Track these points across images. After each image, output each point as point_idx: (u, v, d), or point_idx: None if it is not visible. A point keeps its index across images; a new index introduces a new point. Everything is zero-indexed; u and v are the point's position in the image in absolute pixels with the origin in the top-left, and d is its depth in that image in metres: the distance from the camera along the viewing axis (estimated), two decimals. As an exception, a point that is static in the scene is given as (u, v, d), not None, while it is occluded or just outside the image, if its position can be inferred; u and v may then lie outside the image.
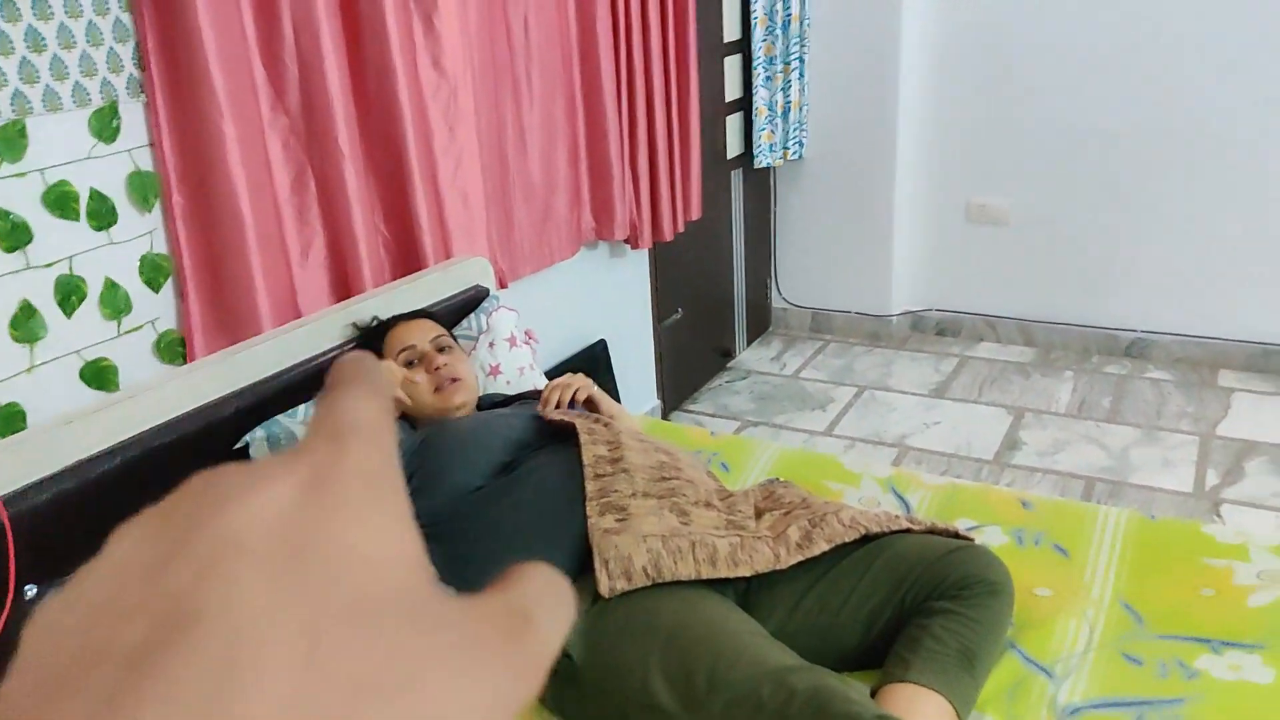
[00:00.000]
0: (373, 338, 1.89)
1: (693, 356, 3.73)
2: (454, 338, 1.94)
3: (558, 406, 1.80)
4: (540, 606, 0.25)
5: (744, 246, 3.99)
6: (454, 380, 1.78)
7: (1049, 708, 1.33)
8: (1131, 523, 1.71)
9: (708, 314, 3.83)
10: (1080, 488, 2.92)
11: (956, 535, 1.53)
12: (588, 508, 1.49)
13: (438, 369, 1.78)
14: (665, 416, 3.50)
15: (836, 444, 3.29)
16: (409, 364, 1.81)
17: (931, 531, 1.53)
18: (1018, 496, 1.83)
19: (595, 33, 2.71)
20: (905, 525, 1.52)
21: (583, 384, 1.85)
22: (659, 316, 3.44)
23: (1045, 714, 1.32)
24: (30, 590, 1.47)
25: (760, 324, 4.25)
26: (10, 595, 1.41)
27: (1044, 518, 1.75)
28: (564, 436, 1.67)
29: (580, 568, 1.47)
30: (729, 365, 3.99)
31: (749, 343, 4.16)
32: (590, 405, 1.88)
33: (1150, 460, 3.03)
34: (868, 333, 4.15)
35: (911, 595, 1.41)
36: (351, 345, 1.93)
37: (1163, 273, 3.65)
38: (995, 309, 4.00)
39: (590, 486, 1.53)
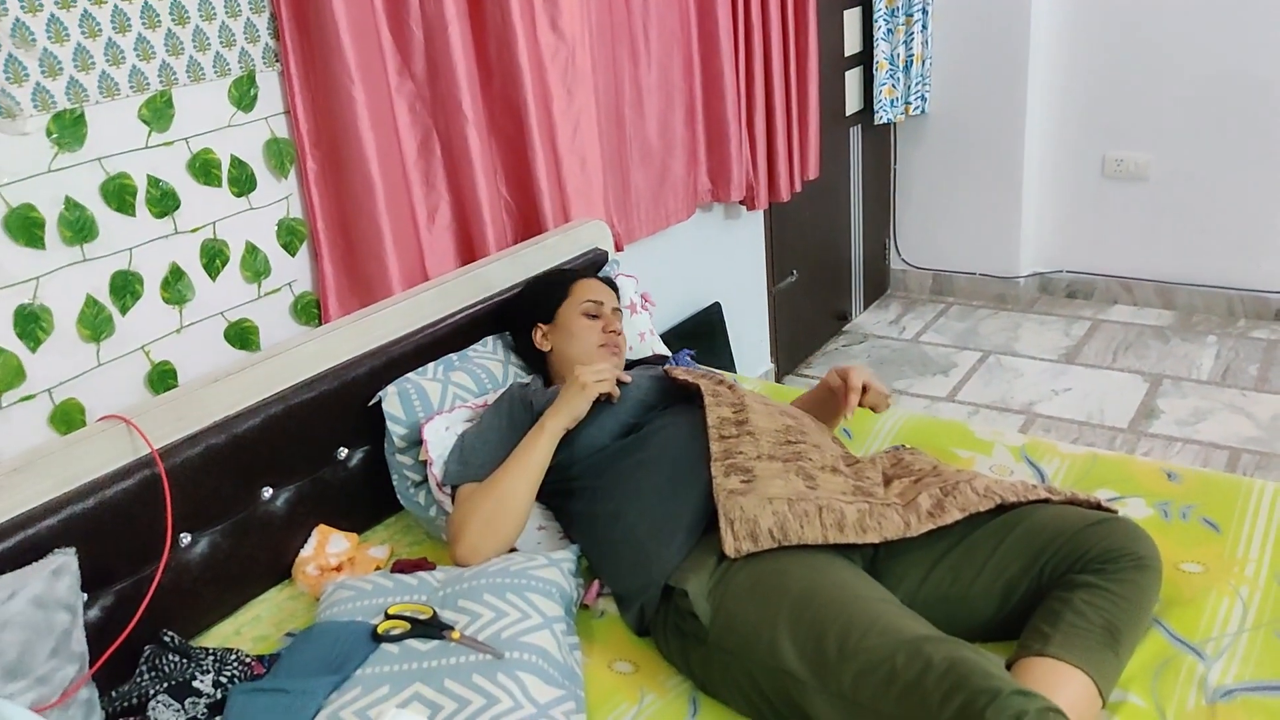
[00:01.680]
0: (562, 281, 1.94)
1: (808, 319, 3.67)
2: None
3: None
4: None
5: (862, 206, 3.89)
6: (617, 347, 1.87)
7: (1199, 689, 1.26)
8: (1290, 497, 1.61)
9: (824, 276, 3.76)
10: (1224, 459, 2.76)
11: (1099, 507, 1.46)
12: (713, 468, 1.48)
13: (614, 331, 1.87)
14: (779, 380, 3.46)
15: (960, 410, 3.19)
16: (590, 315, 1.87)
17: (1071, 502, 1.47)
18: (1162, 467, 1.74)
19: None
20: (1044, 495, 1.46)
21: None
22: (774, 279, 3.39)
23: (1195, 695, 1.25)
24: (185, 538, 1.55)
25: (878, 286, 4.15)
26: (168, 541, 1.49)
27: (1192, 490, 1.66)
28: (689, 398, 1.66)
29: (705, 528, 1.46)
30: (845, 329, 3.90)
31: (866, 305, 4.07)
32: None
33: (1304, 431, 2.85)
34: (993, 295, 4.00)
35: (1051, 567, 1.35)
36: (535, 279, 2.01)
37: (1320, 230, 3.39)
38: (1131, 270, 3.80)
39: (715, 448, 1.51)
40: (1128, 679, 1.29)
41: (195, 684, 1.38)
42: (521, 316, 1.93)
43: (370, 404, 1.76)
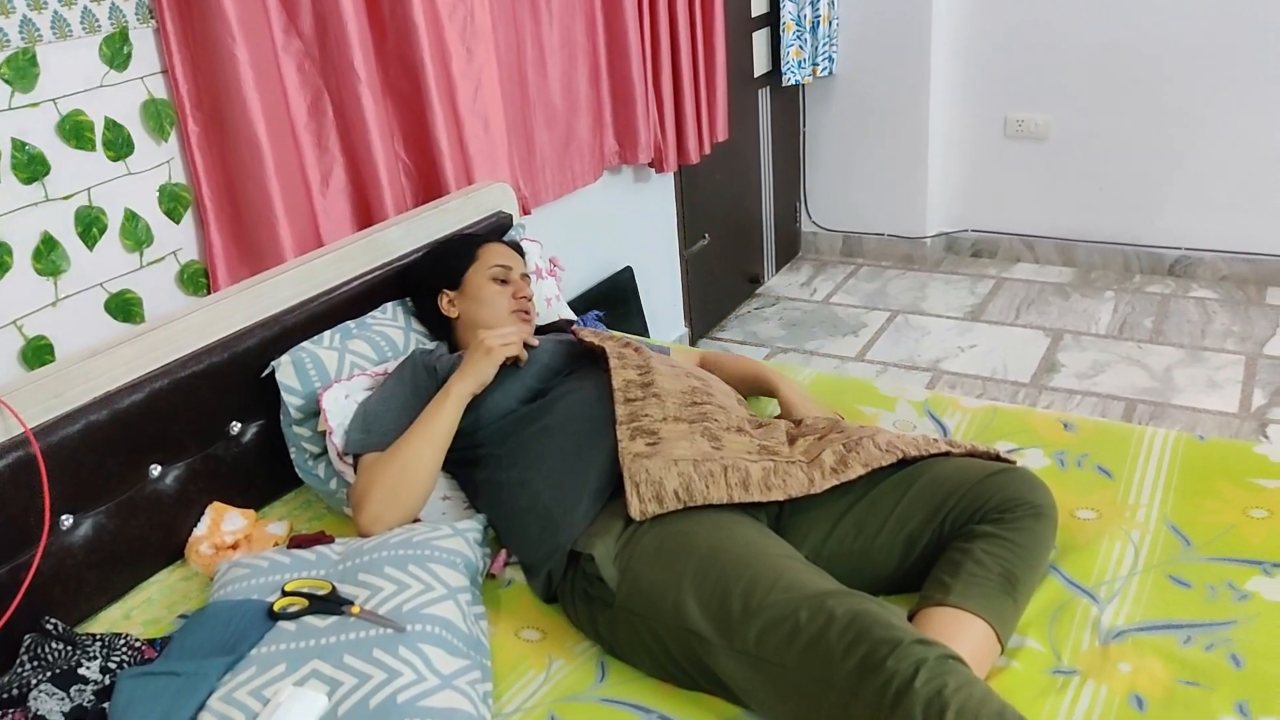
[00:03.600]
0: (468, 245, 1.89)
1: (721, 283, 3.68)
2: None
3: None
4: None
5: (772, 169, 3.90)
6: (526, 314, 1.84)
7: (1093, 630, 1.30)
8: (1178, 444, 1.66)
9: (735, 239, 3.76)
10: (1121, 409, 2.86)
11: (998, 458, 1.49)
12: (618, 432, 1.46)
13: (524, 297, 1.84)
14: (694, 344, 3.47)
15: (869, 369, 3.24)
16: (499, 280, 1.83)
17: (972, 455, 1.49)
18: (1059, 418, 1.78)
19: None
20: (944, 448, 1.48)
21: None
22: (686, 242, 3.38)
23: (1089, 637, 1.29)
24: (67, 520, 1.47)
25: (789, 249, 4.17)
26: (46, 525, 1.41)
27: (1087, 439, 1.70)
28: (595, 362, 1.64)
29: (612, 492, 1.45)
30: (758, 291, 3.92)
31: (778, 268, 4.09)
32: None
33: (1194, 381, 2.96)
34: (901, 255, 4.06)
35: (951, 519, 1.38)
36: (440, 244, 1.94)
37: (1208, 188, 3.52)
38: (1033, 228, 3.89)
39: (620, 411, 1.50)
40: (1025, 624, 1.32)
41: (81, 671, 1.32)
42: (426, 283, 1.88)
43: (263, 374, 1.70)
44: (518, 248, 1.96)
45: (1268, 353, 3.08)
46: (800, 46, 3.67)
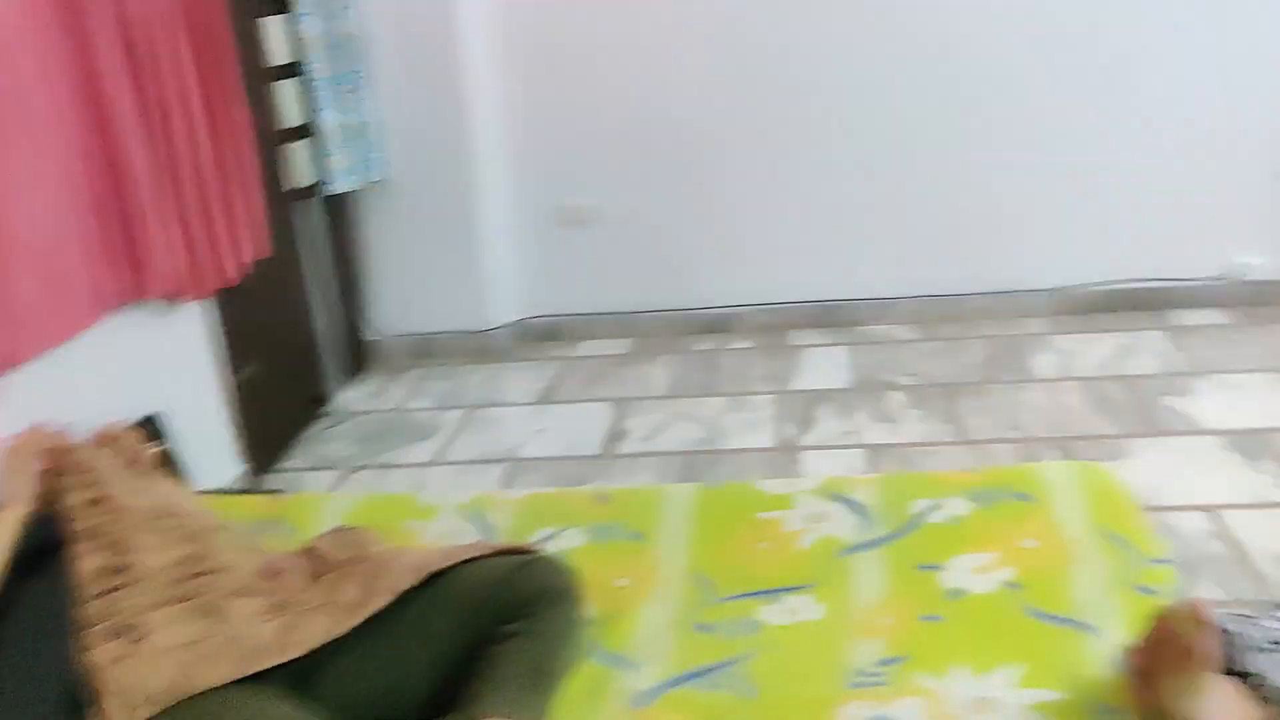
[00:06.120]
0: None
1: (280, 409, 3.45)
2: None
3: None
4: None
5: (329, 281, 3.77)
6: None
7: (627, 697, 1.32)
8: (695, 495, 1.77)
9: (291, 360, 3.56)
10: (680, 464, 3.05)
11: (524, 551, 1.48)
12: (87, 639, 1.25)
13: None
14: (257, 478, 3.20)
15: (447, 471, 3.18)
16: None
17: (500, 553, 1.47)
18: (595, 493, 1.84)
19: (100, 74, 2.36)
20: (472, 554, 1.45)
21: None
22: (233, 372, 3.13)
23: (622, 704, 1.30)
24: None
25: (356, 361, 4.04)
26: None
27: (619, 508, 1.77)
28: (56, 546, 1.39)
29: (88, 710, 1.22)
30: (325, 411, 3.74)
31: (346, 382, 3.94)
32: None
33: (738, 424, 3.25)
34: (473, 350, 4.09)
35: (485, 624, 1.34)
36: None
37: (736, 249, 3.96)
38: (593, 307, 4.12)
39: (91, 610, 1.28)
40: (562, 708, 1.30)
41: None
42: None
43: None
44: None
45: (791, 388, 3.47)
46: (344, 155, 3.61)
